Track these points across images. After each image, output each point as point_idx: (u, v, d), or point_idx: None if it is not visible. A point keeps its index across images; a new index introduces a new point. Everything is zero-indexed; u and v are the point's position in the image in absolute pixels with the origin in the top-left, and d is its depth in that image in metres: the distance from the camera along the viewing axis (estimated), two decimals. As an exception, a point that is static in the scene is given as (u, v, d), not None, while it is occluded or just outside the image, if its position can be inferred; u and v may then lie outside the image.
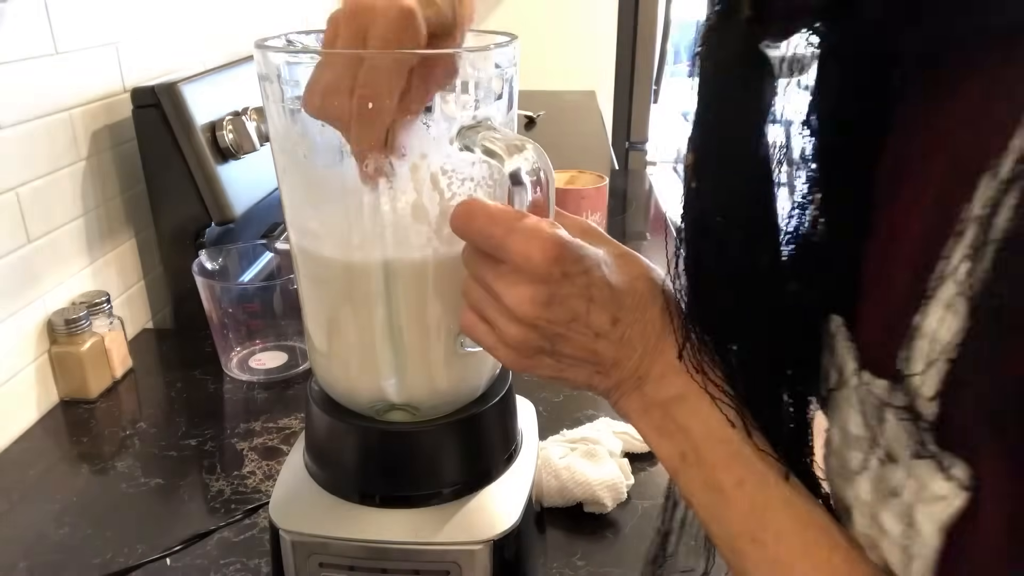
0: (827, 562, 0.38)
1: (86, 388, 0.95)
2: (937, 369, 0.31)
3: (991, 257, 0.29)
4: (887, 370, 0.34)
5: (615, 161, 2.05)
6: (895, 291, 0.35)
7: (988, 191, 0.29)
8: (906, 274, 0.34)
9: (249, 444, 0.87)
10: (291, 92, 0.46)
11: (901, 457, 0.34)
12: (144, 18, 1.11)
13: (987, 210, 0.29)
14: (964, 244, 0.30)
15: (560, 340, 0.43)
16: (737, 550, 0.40)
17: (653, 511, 0.76)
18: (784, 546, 0.39)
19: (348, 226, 0.48)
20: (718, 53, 0.38)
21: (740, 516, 0.40)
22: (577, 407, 0.92)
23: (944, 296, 0.31)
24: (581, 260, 0.41)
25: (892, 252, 0.36)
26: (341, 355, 0.53)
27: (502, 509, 0.53)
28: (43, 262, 0.94)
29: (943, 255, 0.31)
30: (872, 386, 0.35)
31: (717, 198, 0.40)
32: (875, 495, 0.36)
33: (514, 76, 0.49)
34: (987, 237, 0.29)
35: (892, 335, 0.34)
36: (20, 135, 0.89)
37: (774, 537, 0.39)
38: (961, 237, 0.30)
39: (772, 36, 0.37)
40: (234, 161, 1.07)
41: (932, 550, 0.32)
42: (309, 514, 0.53)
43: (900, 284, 0.34)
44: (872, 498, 0.36)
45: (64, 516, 0.77)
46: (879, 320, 0.36)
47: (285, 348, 1.04)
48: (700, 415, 0.42)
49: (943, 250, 0.31)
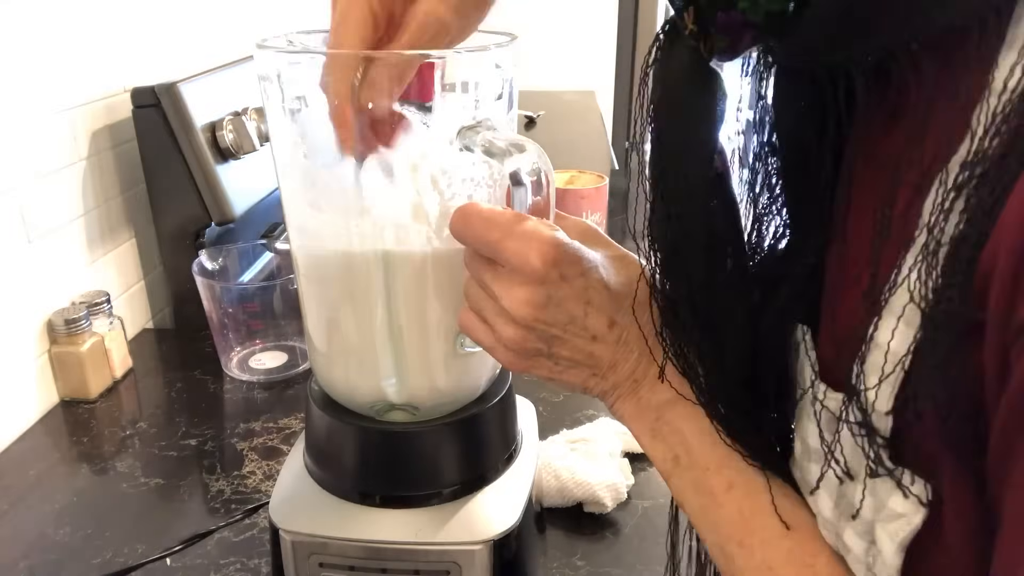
0: (810, 568, 0.38)
1: (86, 388, 0.95)
2: (891, 382, 0.31)
3: (941, 264, 0.28)
4: (841, 383, 0.34)
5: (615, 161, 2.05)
6: (848, 302, 0.35)
7: (937, 197, 0.29)
8: (858, 285, 0.33)
9: (249, 444, 0.87)
10: (291, 92, 0.46)
11: (858, 474, 0.33)
12: (144, 18, 1.11)
13: (937, 216, 0.29)
14: (914, 251, 0.30)
15: (557, 342, 0.43)
16: (727, 554, 0.41)
17: (653, 511, 0.76)
18: (770, 551, 0.39)
19: (348, 226, 0.48)
20: (667, 70, 0.38)
21: (729, 520, 0.40)
22: (577, 407, 0.92)
23: (897, 306, 0.30)
24: (579, 263, 0.41)
25: (846, 263, 0.36)
26: (341, 355, 0.53)
27: (502, 509, 0.53)
28: (43, 262, 0.94)
29: (895, 264, 0.31)
30: (827, 399, 0.35)
31: (675, 212, 0.40)
32: (836, 512, 0.35)
33: (514, 76, 0.49)
34: (938, 243, 0.28)
35: (845, 347, 0.33)
36: (20, 135, 0.89)
37: (760, 542, 0.39)
38: (911, 245, 0.30)
39: (720, 54, 0.36)
40: (234, 161, 1.07)
41: (894, 569, 0.32)
42: (309, 514, 0.53)
43: (852, 295, 0.34)
44: (833, 515, 0.36)
45: (64, 516, 0.77)
46: (833, 331, 0.36)
47: (285, 348, 1.04)
48: (694, 419, 0.42)
49: (895, 259, 0.31)
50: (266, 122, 0.54)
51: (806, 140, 0.38)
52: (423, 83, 0.45)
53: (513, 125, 0.50)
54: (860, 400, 0.32)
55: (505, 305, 0.42)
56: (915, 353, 0.30)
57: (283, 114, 0.47)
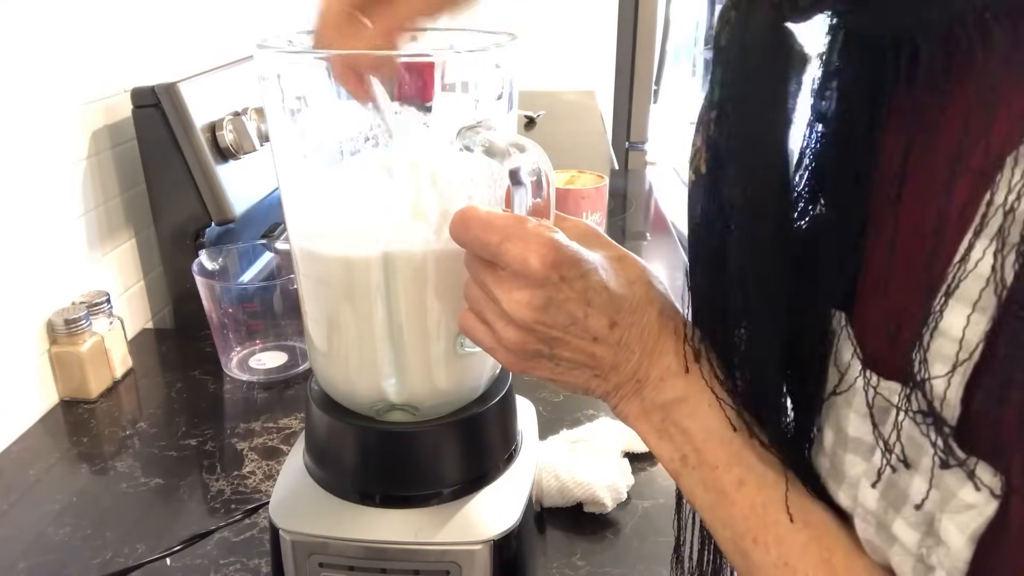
0: (827, 562, 0.38)
1: (86, 388, 0.95)
2: (962, 371, 0.30)
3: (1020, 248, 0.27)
4: (895, 371, 0.33)
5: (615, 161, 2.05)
6: (903, 289, 0.34)
7: (1014, 177, 0.28)
8: (916, 271, 0.32)
9: (249, 444, 0.87)
10: (291, 92, 0.47)
11: (918, 463, 0.33)
12: (144, 18, 1.11)
13: (1013, 196, 0.27)
14: (987, 235, 0.29)
15: (558, 344, 0.43)
16: (740, 551, 0.40)
17: (653, 511, 0.76)
18: (785, 546, 0.39)
19: (348, 226, 0.49)
20: (742, 34, 0.36)
21: (742, 517, 0.40)
22: (577, 407, 0.92)
23: (968, 292, 0.29)
24: (579, 264, 0.41)
25: (897, 247, 0.35)
26: (341, 355, 0.53)
27: (502, 509, 0.53)
28: (43, 262, 0.94)
29: (962, 248, 0.30)
30: (880, 388, 0.34)
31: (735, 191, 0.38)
32: (882, 502, 0.35)
33: (514, 76, 0.49)
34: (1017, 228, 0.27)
35: (900, 335, 0.33)
36: (20, 135, 0.89)
37: (775, 537, 0.39)
38: (983, 228, 0.29)
39: (801, 12, 0.34)
40: (234, 161, 1.07)
41: (962, 562, 0.31)
42: (309, 514, 0.53)
43: (908, 281, 0.33)
44: (879, 506, 0.35)
45: (64, 516, 0.77)
46: (884, 319, 0.35)
47: (285, 348, 1.04)
48: (700, 417, 0.42)
49: (956, 244, 0.30)
50: (266, 122, 0.54)
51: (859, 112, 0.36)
52: (423, 83, 0.45)
53: (513, 125, 0.50)
54: (925, 389, 0.31)
55: (505, 307, 0.42)
56: (990, 340, 0.29)
57: (283, 114, 0.48)
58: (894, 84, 0.35)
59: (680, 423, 0.43)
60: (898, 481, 0.34)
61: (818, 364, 0.39)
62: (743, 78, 0.37)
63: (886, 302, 0.35)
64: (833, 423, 0.38)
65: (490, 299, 0.43)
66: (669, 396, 0.43)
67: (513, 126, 0.50)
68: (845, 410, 0.37)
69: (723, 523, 0.41)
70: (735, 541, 0.41)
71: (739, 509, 0.40)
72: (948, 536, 0.32)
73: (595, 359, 0.43)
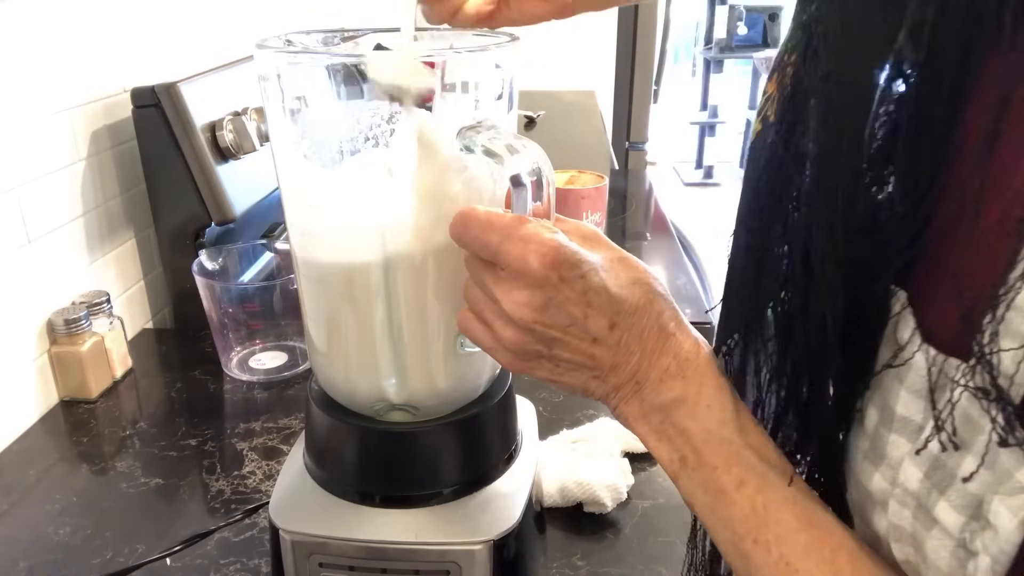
0: (831, 563, 0.37)
1: (86, 388, 0.95)
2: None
3: None
4: (956, 346, 0.31)
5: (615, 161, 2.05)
6: (977, 260, 0.31)
7: None
8: (1002, 237, 0.30)
9: (249, 444, 0.87)
10: (291, 92, 0.46)
11: (971, 443, 0.31)
12: (144, 18, 1.12)
13: None
14: None
15: (557, 344, 0.43)
16: (741, 552, 0.40)
17: (653, 511, 0.76)
18: (787, 547, 0.38)
19: (348, 226, 0.48)
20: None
21: (742, 518, 0.40)
22: (577, 407, 0.92)
23: None
24: (578, 265, 0.41)
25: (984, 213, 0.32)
26: (341, 355, 0.53)
27: (502, 509, 0.53)
28: (43, 262, 0.94)
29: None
30: (945, 365, 0.32)
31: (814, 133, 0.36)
32: (926, 483, 0.33)
33: (514, 76, 0.49)
34: None
35: (972, 309, 0.31)
36: (20, 135, 0.89)
37: (775, 538, 0.39)
38: None
39: None
40: (234, 161, 1.07)
41: (1012, 545, 0.30)
42: (309, 514, 0.53)
43: (989, 249, 0.31)
44: (922, 487, 0.33)
45: (64, 516, 0.77)
46: (953, 291, 0.33)
47: (285, 348, 1.04)
48: (699, 418, 0.42)
49: None
50: (266, 122, 0.54)
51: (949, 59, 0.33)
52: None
53: (513, 125, 0.50)
54: (993, 364, 0.30)
55: (505, 307, 0.42)
56: None
57: (283, 114, 0.48)
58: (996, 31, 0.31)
59: (679, 424, 0.43)
60: (946, 461, 0.32)
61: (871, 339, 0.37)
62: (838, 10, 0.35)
63: (958, 274, 0.33)
64: (879, 402, 0.37)
65: (490, 299, 0.43)
66: (668, 397, 0.43)
67: (513, 126, 0.50)
68: (896, 387, 0.35)
69: (723, 524, 0.41)
70: (735, 542, 0.41)
71: (739, 510, 0.40)
72: (998, 519, 0.30)
73: (594, 360, 0.43)
